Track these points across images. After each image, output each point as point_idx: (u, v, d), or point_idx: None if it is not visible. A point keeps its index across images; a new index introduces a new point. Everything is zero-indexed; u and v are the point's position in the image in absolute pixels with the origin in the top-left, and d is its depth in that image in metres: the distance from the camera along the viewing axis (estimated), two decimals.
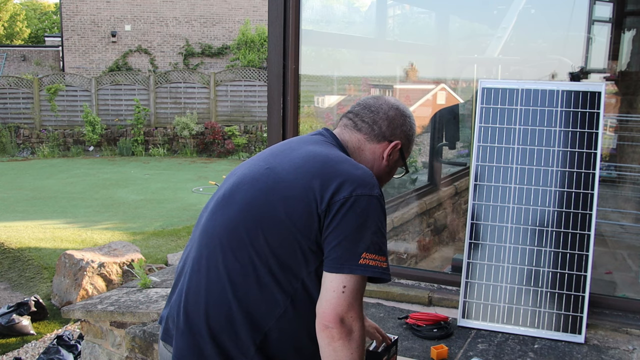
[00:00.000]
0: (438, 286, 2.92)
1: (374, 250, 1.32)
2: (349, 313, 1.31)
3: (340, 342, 1.31)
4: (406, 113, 1.61)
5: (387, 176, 1.61)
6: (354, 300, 1.31)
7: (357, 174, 1.39)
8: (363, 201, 1.34)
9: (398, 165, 1.62)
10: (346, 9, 6.70)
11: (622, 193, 3.94)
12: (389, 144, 1.56)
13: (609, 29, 4.67)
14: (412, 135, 1.62)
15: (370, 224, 1.33)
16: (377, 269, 1.32)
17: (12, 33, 31.15)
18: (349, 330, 1.31)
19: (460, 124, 4.55)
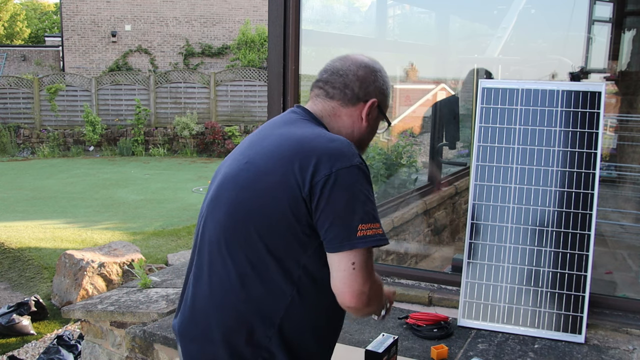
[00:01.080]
0: (438, 286, 2.92)
1: (367, 219, 1.31)
2: (364, 286, 1.31)
3: (366, 310, 1.37)
4: (376, 68, 1.54)
5: (370, 135, 1.58)
6: (367, 273, 1.31)
7: (332, 147, 1.34)
8: (345, 174, 1.31)
9: (379, 122, 1.59)
10: (346, 9, 6.70)
11: (622, 193, 3.94)
12: (365, 105, 1.51)
13: (609, 29, 4.67)
14: (387, 89, 1.56)
15: (358, 194, 1.31)
16: (376, 237, 1.31)
17: (12, 33, 31.15)
18: (369, 299, 1.33)
19: (461, 124, 4.55)
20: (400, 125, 5.84)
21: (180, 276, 3.44)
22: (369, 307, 1.37)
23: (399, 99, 6.13)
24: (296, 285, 1.36)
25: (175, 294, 3.10)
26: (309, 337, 1.42)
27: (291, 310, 1.37)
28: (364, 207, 1.31)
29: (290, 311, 1.37)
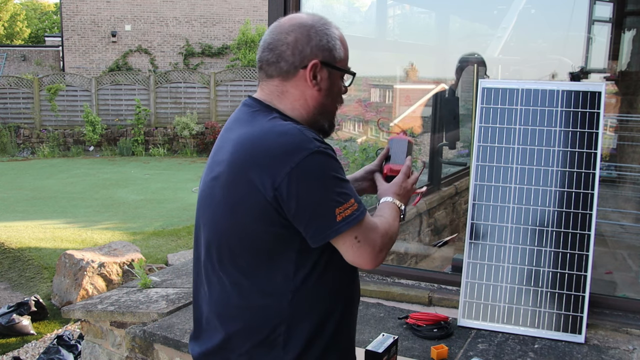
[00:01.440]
0: (438, 286, 2.92)
1: (342, 201, 1.28)
2: (374, 250, 1.34)
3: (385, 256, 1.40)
4: (308, 24, 1.39)
5: (329, 99, 1.42)
6: (370, 240, 1.34)
7: (283, 143, 1.27)
8: (304, 166, 1.25)
9: (338, 79, 1.43)
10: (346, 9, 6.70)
11: (622, 193, 3.94)
12: (306, 70, 1.37)
13: (609, 29, 4.67)
14: (329, 41, 1.39)
15: (325, 180, 1.27)
16: (355, 214, 1.30)
17: (12, 33, 31.16)
18: (385, 251, 1.37)
19: (461, 124, 4.55)
20: (401, 125, 5.84)
21: (180, 276, 3.44)
22: (388, 252, 1.40)
23: (399, 99, 6.13)
24: (293, 283, 1.34)
25: (175, 294, 3.10)
26: (318, 318, 1.38)
27: (295, 304, 1.35)
28: (335, 190, 1.27)
29: (294, 307, 1.35)
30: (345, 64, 1.45)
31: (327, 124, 1.45)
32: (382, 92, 6.47)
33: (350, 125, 6.09)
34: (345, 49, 1.45)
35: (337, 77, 1.43)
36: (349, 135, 5.94)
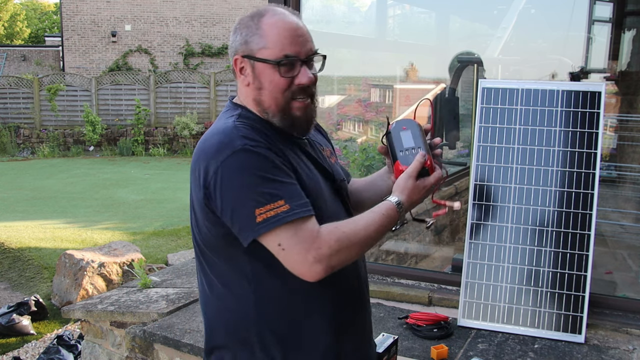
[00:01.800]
0: (438, 286, 2.92)
1: (264, 201, 1.22)
2: (307, 257, 1.23)
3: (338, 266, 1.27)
4: (238, 21, 1.39)
5: (261, 90, 1.34)
6: (299, 248, 1.23)
7: (212, 143, 1.28)
8: (228, 165, 1.24)
9: (269, 70, 1.33)
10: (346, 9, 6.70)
11: (622, 193, 3.94)
12: (235, 67, 1.39)
13: (609, 29, 4.67)
14: (247, 34, 1.34)
15: (248, 180, 1.23)
16: (279, 216, 1.21)
17: (12, 33, 31.16)
18: (327, 262, 1.24)
19: (461, 124, 4.55)
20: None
21: (180, 276, 3.44)
22: (339, 263, 1.26)
23: (399, 99, 6.13)
24: (253, 284, 1.33)
25: (175, 294, 3.10)
26: (291, 328, 1.36)
27: (261, 306, 1.34)
28: (256, 190, 1.22)
29: (260, 308, 1.34)
30: (271, 52, 1.31)
31: (276, 119, 1.36)
32: (382, 92, 6.48)
33: (350, 125, 6.09)
34: (269, 37, 1.32)
35: (265, 68, 1.33)
36: (349, 135, 5.94)
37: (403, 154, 1.40)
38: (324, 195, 1.39)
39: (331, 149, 1.60)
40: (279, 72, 1.32)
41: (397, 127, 1.44)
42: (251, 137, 1.28)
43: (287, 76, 1.32)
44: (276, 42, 1.31)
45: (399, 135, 1.42)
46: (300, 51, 1.33)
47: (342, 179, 1.51)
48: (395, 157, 1.41)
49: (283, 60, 1.31)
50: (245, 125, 1.32)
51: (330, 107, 5.61)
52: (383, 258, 4.03)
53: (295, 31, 1.33)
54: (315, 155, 1.44)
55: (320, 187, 1.39)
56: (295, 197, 1.24)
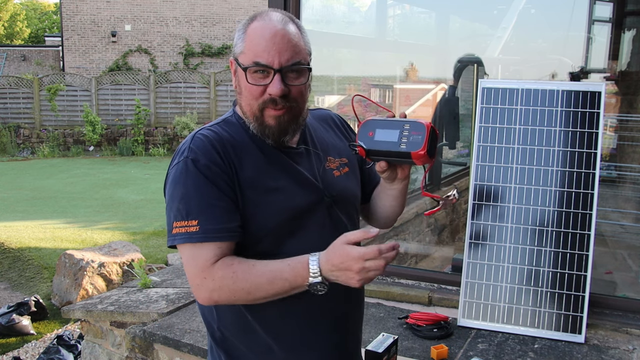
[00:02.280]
0: (438, 286, 2.92)
1: (180, 217, 1.26)
2: (195, 280, 1.26)
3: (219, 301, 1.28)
4: (237, 30, 1.37)
5: (244, 96, 1.33)
6: (191, 271, 1.26)
7: (179, 147, 1.37)
8: (170, 173, 1.33)
9: (244, 76, 1.31)
10: (346, 9, 6.70)
11: (622, 193, 3.94)
12: (231, 68, 1.38)
13: (609, 29, 4.67)
14: (237, 38, 1.33)
15: (176, 192, 1.28)
16: (186, 235, 1.24)
17: (12, 33, 31.16)
18: (209, 293, 1.25)
19: (461, 124, 4.55)
20: None
21: (180, 276, 3.44)
22: (222, 300, 1.26)
23: (399, 98, 6.13)
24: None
25: (175, 294, 3.10)
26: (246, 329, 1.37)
27: (218, 307, 1.38)
28: (179, 204, 1.27)
29: (218, 309, 1.39)
30: (245, 57, 1.29)
31: (252, 125, 1.34)
32: (382, 92, 6.48)
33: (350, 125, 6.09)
34: (247, 42, 1.29)
35: (242, 73, 1.31)
36: None
37: (404, 145, 1.25)
38: (296, 211, 1.33)
39: (350, 159, 1.49)
40: (246, 78, 1.30)
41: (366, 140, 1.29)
42: (198, 150, 1.29)
43: (256, 83, 1.29)
44: (250, 48, 1.29)
45: (379, 138, 1.28)
46: (274, 60, 1.27)
47: (336, 194, 1.40)
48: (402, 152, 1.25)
49: (251, 67, 1.28)
50: (208, 134, 1.32)
51: (331, 106, 5.61)
52: None
53: (272, 38, 1.27)
54: (301, 167, 1.37)
55: (291, 203, 1.32)
56: (211, 220, 1.24)
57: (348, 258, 1.16)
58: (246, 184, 1.29)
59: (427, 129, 1.22)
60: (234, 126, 1.37)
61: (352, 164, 1.50)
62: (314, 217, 1.36)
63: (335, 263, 1.17)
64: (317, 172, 1.40)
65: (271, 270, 1.23)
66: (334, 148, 1.49)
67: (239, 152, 1.32)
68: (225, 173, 1.28)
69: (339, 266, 1.17)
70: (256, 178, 1.31)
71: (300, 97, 1.33)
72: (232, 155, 1.30)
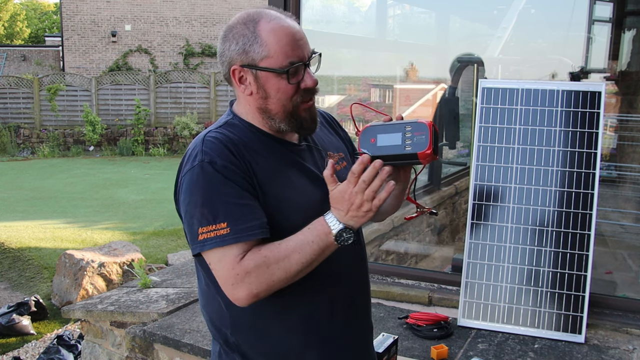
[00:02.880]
0: (438, 286, 2.92)
1: (206, 222, 1.23)
2: (227, 282, 1.23)
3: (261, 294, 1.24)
4: (230, 27, 1.33)
5: (266, 99, 1.32)
6: (222, 274, 1.23)
7: (189, 151, 1.32)
8: (187, 178, 1.27)
9: (274, 78, 1.29)
10: (346, 9, 6.70)
11: (622, 193, 3.94)
12: (233, 77, 1.34)
13: (609, 29, 4.67)
14: (245, 42, 1.29)
15: (196, 197, 1.25)
16: (216, 239, 1.22)
17: (12, 33, 31.15)
18: (247, 289, 1.22)
19: (461, 124, 4.55)
20: None
21: (180, 276, 3.44)
22: (262, 289, 1.22)
23: (399, 99, 6.13)
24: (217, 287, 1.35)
25: (175, 293, 3.10)
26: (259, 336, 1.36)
27: (232, 310, 1.35)
28: (202, 209, 1.24)
29: (232, 312, 1.36)
30: (275, 61, 1.28)
31: (283, 125, 1.34)
32: (382, 92, 6.48)
33: (350, 125, 6.09)
34: (271, 45, 1.28)
35: (269, 76, 1.29)
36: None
37: (409, 146, 1.25)
38: (311, 206, 1.33)
39: (346, 153, 1.54)
40: (287, 80, 1.29)
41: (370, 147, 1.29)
42: (213, 152, 1.27)
43: (294, 83, 1.30)
44: (279, 50, 1.28)
45: (382, 144, 1.27)
46: (304, 55, 1.30)
47: None
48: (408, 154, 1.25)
49: (290, 69, 1.28)
50: (219, 136, 1.31)
51: (331, 106, 5.61)
52: (383, 258, 4.03)
53: (294, 35, 1.29)
54: (308, 164, 1.39)
55: (306, 199, 1.34)
56: (239, 220, 1.22)
57: (347, 191, 1.21)
58: (264, 183, 1.29)
59: (429, 128, 1.23)
60: (238, 128, 1.36)
61: (347, 158, 1.54)
62: (324, 212, 1.36)
63: (344, 205, 1.21)
64: (320, 167, 1.42)
65: (296, 242, 1.23)
66: (331, 143, 1.52)
67: (251, 153, 1.31)
68: (244, 172, 1.27)
69: (348, 204, 1.21)
70: (272, 177, 1.31)
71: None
72: (246, 155, 1.29)
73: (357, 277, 1.47)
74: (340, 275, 1.40)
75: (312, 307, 1.36)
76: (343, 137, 1.60)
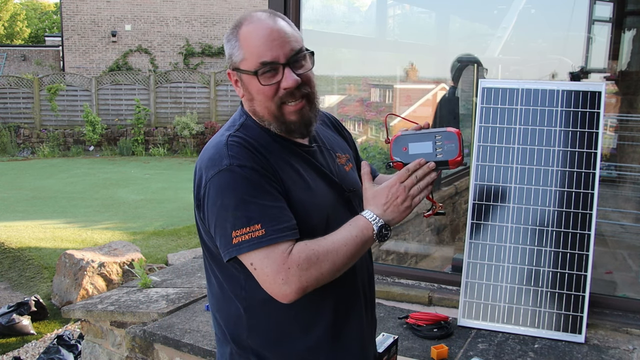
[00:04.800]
0: (438, 286, 2.92)
1: (240, 224, 1.23)
2: (276, 280, 1.22)
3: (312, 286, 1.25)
4: (225, 37, 1.36)
5: (258, 100, 1.33)
6: (270, 270, 1.23)
7: (206, 157, 1.31)
8: (214, 183, 1.26)
9: (253, 80, 1.31)
10: (346, 9, 6.69)
11: (622, 193, 3.94)
12: (230, 80, 1.39)
13: (609, 29, 4.66)
14: (231, 47, 1.33)
15: (228, 201, 1.24)
16: (252, 241, 1.22)
17: (13, 33, 31.15)
18: (298, 284, 1.23)
19: (461, 124, 4.54)
20: (401, 125, 5.84)
21: (180, 276, 3.44)
22: (311, 282, 1.23)
23: (399, 98, 6.13)
24: (245, 289, 1.36)
25: (176, 293, 3.10)
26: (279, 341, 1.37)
27: (251, 315, 1.37)
28: (235, 212, 1.24)
29: (251, 316, 1.37)
30: (249, 63, 1.30)
31: (273, 126, 1.35)
32: (382, 92, 6.47)
33: (351, 125, 6.09)
34: (245, 48, 1.30)
35: (250, 79, 1.32)
36: None
37: (440, 154, 1.33)
38: (328, 208, 1.37)
39: (350, 155, 1.55)
40: (259, 81, 1.30)
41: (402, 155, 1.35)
42: (239, 155, 1.27)
43: (269, 83, 1.30)
44: (252, 51, 1.29)
45: (414, 152, 1.34)
46: (279, 55, 1.29)
47: (352, 189, 1.46)
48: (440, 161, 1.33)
49: (260, 69, 1.29)
50: (240, 140, 1.31)
51: (331, 106, 5.61)
52: (383, 258, 4.03)
53: (269, 36, 1.29)
54: (321, 165, 1.41)
55: (323, 200, 1.37)
56: (274, 221, 1.24)
57: (395, 185, 1.28)
58: (286, 184, 1.30)
59: (458, 137, 1.34)
60: (253, 129, 1.36)
61: (352, 159, 1.55)
62: (339, 212, 1.40)
63: (387, 199, 1.28)
64: (332, 168, 1.43)
65: (338, 237, 1.26)
66: (338, 144, 1.53)
67: (271, 156, 1.31)
68: (271, 174, 1.28)
69: (393, 198, 1.27)
70: (292, 179, 1.32)
71: (310, 82, 1.36)
72: (270, 158, 1.30)
73: (366, 276, 1.50)
74: (354, 275, 1.42)
75: (327, 307, 1.38)
76: (347, 138, 1.61)
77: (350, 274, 1.39)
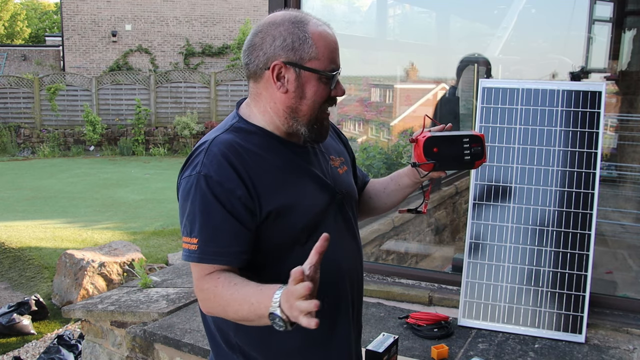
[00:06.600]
0: (439, 286, 2.92)
1: (186, 232, 1.28)
2: (199, 298, 1.30)
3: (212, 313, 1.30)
4: (275, 23, 1.30)
5: (301, 100, 1.31)
6: (195, 283, 1.29)
7: (191, 153, 1.34)
8: (182, 184, 1.31)
9: (315, 81, 1.30)
10: (346, 9, 6.69)
11: (622, 193, 3.94)
12: (269, 71, 1.29)
13: (609, 29, 4.66)
14: (294, 41, 1.28)
15: (185, 206, 1.29)
16: (188, 251, 1.27)
17: (13, 33, 31.16)
18: (204, 304, 1.29)
19: (461, 124, 4.54)
20: (401, 125, 5.84)
21: (180, 276, 3.44)
22: (211, 312, 1.29)
23: (399, 98, 6.13)
24: None
25: (176, 293, 3.10)
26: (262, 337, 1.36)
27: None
28: (186, 220, 1.28)
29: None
30: (321, 64, 1.29)
31: (304, 129, 1.33)
32: (383, 92, 6.47)
33: (351, 125, 6.09)
34: (320, 48, 1.29)
35: (311, 78, 1.29)
36: (349, 135, 5.95)
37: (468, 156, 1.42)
38: (317, 210, 1.36)
39: (346, 158, 1.55)
40: (328, 84, 1.32)
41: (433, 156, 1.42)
42: (212, 164, 1.26)
43: (331, 88, 1.33)
44: (327, 55, 1.30)
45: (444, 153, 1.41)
46: (339, 65, 1.34)
47: (345, 191, 1.45)
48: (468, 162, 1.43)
49: (333, 74, 1.31)
50: (222, 147, 1.29)
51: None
52: (383, 258, 4.03)
53: (336, 45, 1.34)
54: (315, 167, 1.40)
55: (313, 202, 1.35)
56: (210, 242, 1.25)
57: (290, 294, 1.07)
58: (270, 190, 1.29)
59: (483, 140, 1.42)
60: (245, 132, 1.35)
61: (347, 162, 1.55)
62: (330, 215, 1.39)
63: (285, 298, 1.08)
64: (325, 170, 1.42)
65: (245, 293, 1.18)
66: (332, 147, 1.52)
67: (255, 159, 1.30)
68: (239, 189, 1.25)
69: (286, 301, 1.07)
70: (280, 181, 1.32)
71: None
72: (251, 163, 1.29)
73: (355, 278, 1.49)
74: (343, 277, 1.41)
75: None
76: (343, 141, 1.61)
77: (339, 275, 1.39)
